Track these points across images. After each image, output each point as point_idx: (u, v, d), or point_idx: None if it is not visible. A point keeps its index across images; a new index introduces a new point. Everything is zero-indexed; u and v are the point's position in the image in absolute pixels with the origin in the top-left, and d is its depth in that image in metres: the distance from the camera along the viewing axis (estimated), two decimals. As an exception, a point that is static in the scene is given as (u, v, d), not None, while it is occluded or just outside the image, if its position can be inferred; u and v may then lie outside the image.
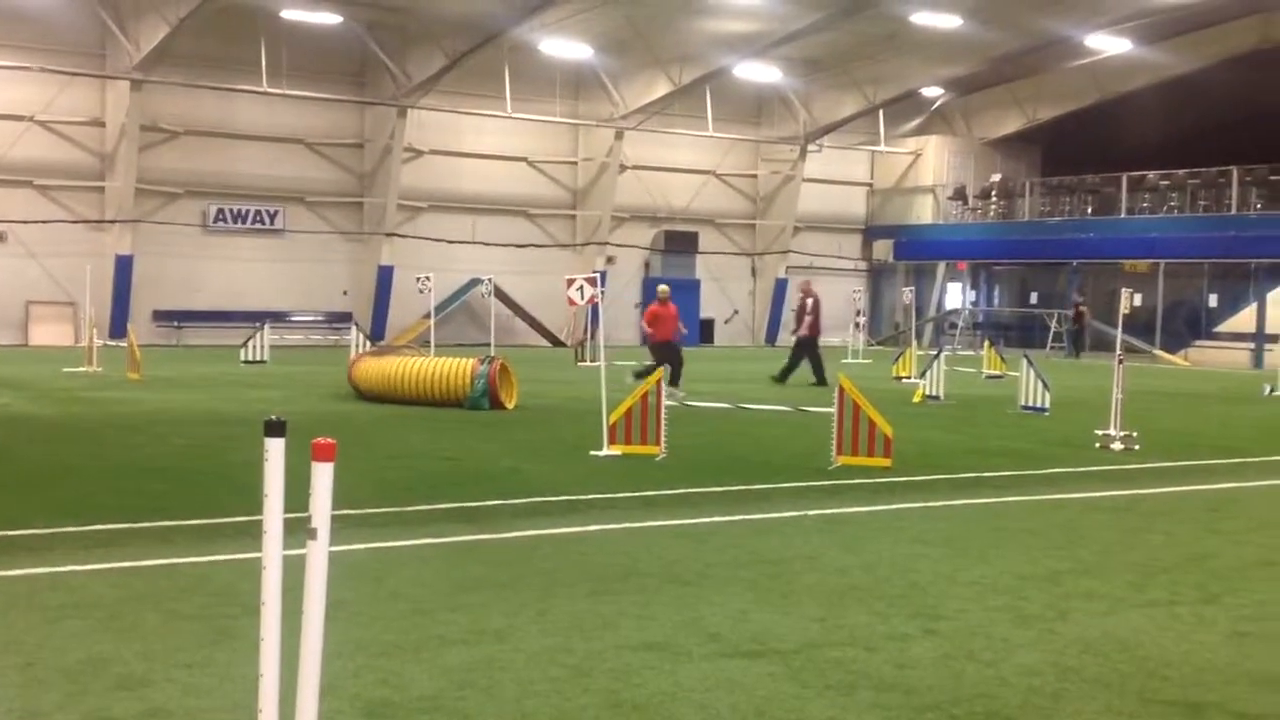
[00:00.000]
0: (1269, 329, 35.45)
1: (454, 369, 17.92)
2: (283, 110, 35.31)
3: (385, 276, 36.66)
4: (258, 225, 35.92)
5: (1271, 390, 24.21)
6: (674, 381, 20.32)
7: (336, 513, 8.52)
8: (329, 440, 3.81)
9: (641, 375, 19.67)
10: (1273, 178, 36.37)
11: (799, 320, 24.57)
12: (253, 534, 3.97)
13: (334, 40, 34.34)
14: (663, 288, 21.86)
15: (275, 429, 3.76)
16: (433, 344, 24.36)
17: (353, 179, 37.34)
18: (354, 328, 30.39)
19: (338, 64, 35.70)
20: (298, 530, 3.83)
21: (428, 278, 24.79)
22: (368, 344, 28.18)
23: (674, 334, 21.05)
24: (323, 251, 36.79)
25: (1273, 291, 35.74)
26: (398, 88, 35.14)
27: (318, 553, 3.79)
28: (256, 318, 31.23)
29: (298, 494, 3.84)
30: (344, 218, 37.28)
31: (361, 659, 5.73)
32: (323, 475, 3.78)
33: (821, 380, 22.94)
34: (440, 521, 9.29)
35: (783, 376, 23.81)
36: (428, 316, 27.71)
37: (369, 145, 37.11)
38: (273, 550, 3.80)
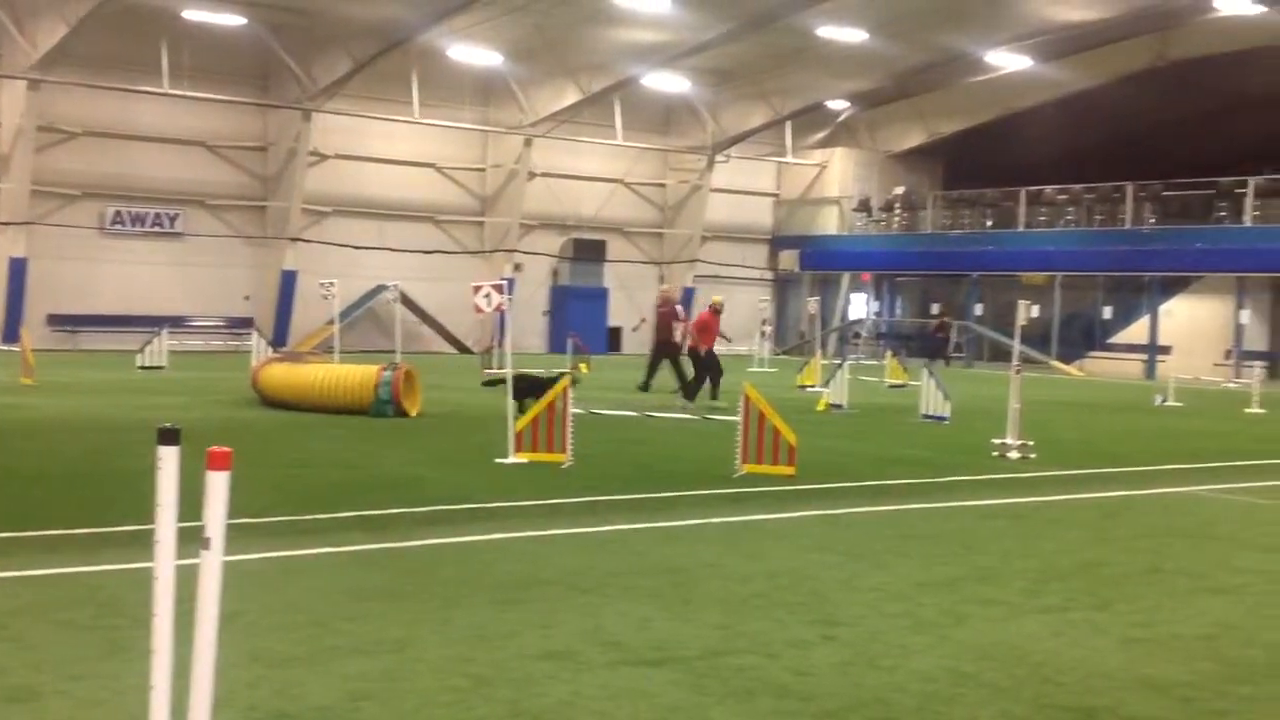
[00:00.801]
0: (1161, 341, 36.43)
1: (358, 376, 17.73)
2: (184, 112, 34.70)
3: (288, 282, 36.17)
4: (157, 228, 35.26)
5: (1163, 400, 24.86)
6: (714, 395, 21.06)
7: (234, 521, 8.37)
8: (224, 449, 3.75)
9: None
10: (1166, 193, 37.38)
11: (664, 330, 22.85)
12: (146, 543, 3.89)
13: (237, 42, 33.84)
14: (717, 298, 22.70)
15: (169, 436, 3.69)
16: (337, 350, 24.10)
17: (255, 182, 36.81)
18: (255, 333, 29.95)
19: (241, 66, 35.18)
20: (193, 540, 3.76)
21: (332, 283, 24.51)
22: (269, 350, 27.77)
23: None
24: (224, 256, 36.20)
25: (1165, 304, 36.72)
26: (302, 91, 34.72)
27: (211, 562, 3.72)
28: (155, 322, 30.62)
29: (195, 502, 3.78)
30: (246, 221, 36.72)
31: (257, 670, 5.63)
32: (217, 484, 3.72)
33: (689, 391, 21.48)
34: (341, 530, 9.18)
35: (698, 388, 23.16)
36: (332, 323, 27.40)
37: (272, 149, 36.61)
38: (165, 560, 3.73)
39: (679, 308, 24.01)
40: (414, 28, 32.47)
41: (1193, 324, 36.16)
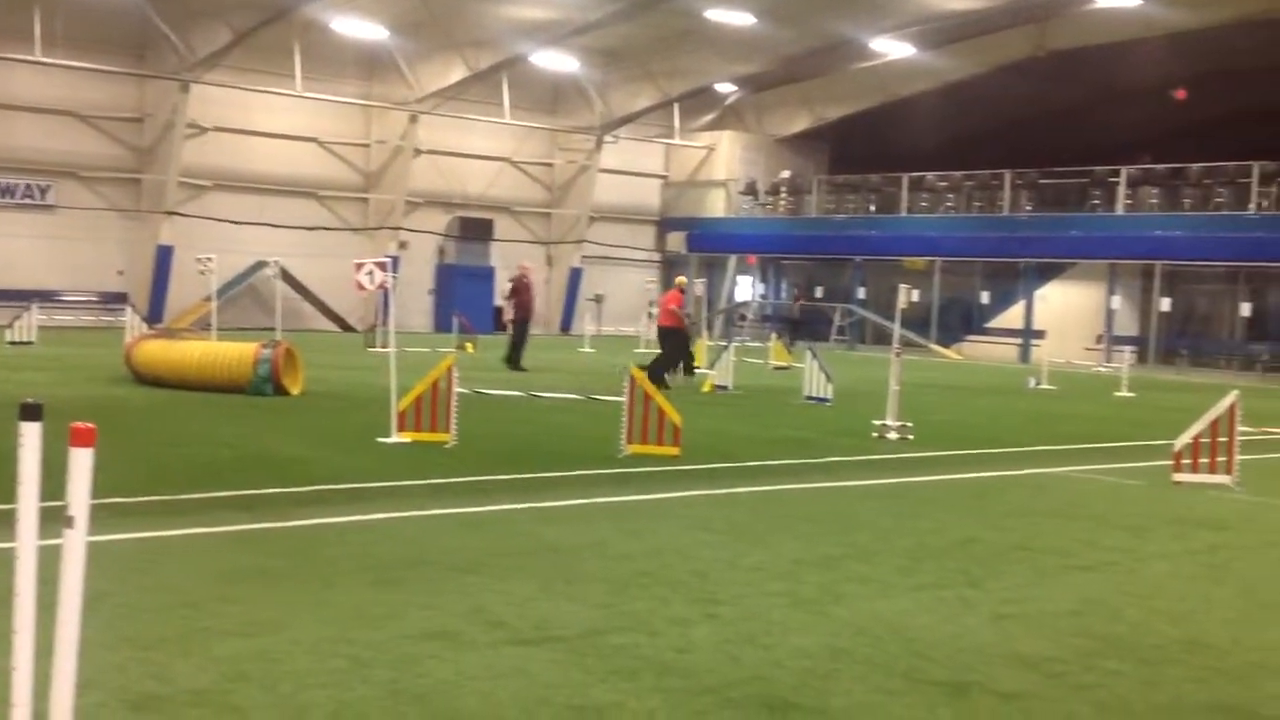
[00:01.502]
0: (1035, 325, 37.34)
1: (236, 353, 17.39)
2: (57, 81, 33.58)
3: (164, 257, 35.28)
4: (28, 200, 34.13)
5: (1036, 384, 25.50)
6: (689, 371, 22.37)
7: (105, 501, 8.17)
8: (88, 425, 3.64)
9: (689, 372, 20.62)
10: (1043, 181, 38.26)
11: (524, 308, 25.15)
12: (8, 523, 3.77)
13: (113, 10, 32.84)
14: (681, 278, 24.01)
15: (30, 413, 3.58)
16: (214, 327, 23.61)
17: (131, 154, 35.81)
18: (129, 309, 29.20)
19: (117, 35, 34.15)
20: (58, 519, 3.65)
21: (210, 259, 23.98)
22: (144, 326, 27.10)
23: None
24: (97, 229, 35.17)
25: (1040, 290, 37.63)
26: (180, 61, 33.84)
27: (75, 541, 3.62)
28: (24, 297, 29.62)
29: (64, 481, 3.67)
30: (121, 194, 35.71)
31: (128, 652, 5.50)
32: (81, 461, 3.61)
33: (516, 365, 24.14)
34: (217, 510, 9.00)
35: (515, 363, 24.38)
36: (209, 299, 26.82)
37: (149, 120, 35.63)
38: (26, 540, 3.62)
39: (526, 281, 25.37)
40: (296, -1, 31.85)
41: (1066, 309, 37.13)
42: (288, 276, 33.82)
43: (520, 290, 25.25)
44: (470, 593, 6.83)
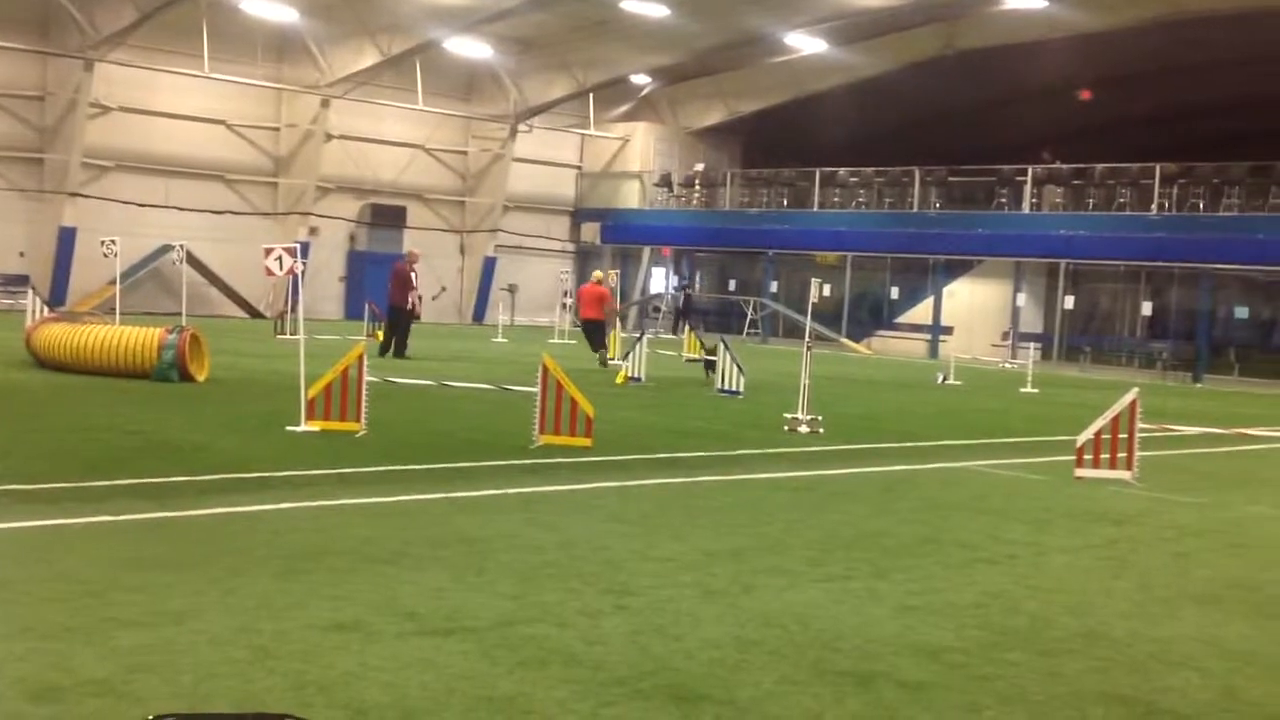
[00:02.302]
0: (944, 321, 37.90)
1: (140, 338, 17.06)
2: (-46, 55, 32.68)
3: (67, 238, 34.47)
4: (-77, 178, 33.15)
5: (944, 379, 25.89)
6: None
7: (6, 488, 8.01)
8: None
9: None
10: (951, 179, 38.81)
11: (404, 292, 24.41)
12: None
13: (15, -16, 32.01)
14: (598, 273, 25.51)
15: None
16: (118, 311, 23.12)
17: (32, 133, 34.91)
18: (31, 291, 28.45)
19: (18, 11, 33.25)
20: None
21: (114, 241, 23.47)
22: (45, 309, 26.45)
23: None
24: (-3, 209, 34.30)
25: (948, 285, 38.19)
26: (84, 39, 33.06)
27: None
28: (-81, 278, 28.82)
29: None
30: (22, 174, 34.81)
31: (28, 642, 5.39)
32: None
33: (399, 352, 23.81)
34: (120, 498, 8.83)
35: (396, 351, 24.03)
36: (113, 283, 26.26)
37: (50, 99, 34.76)
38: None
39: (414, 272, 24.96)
40: (206, -22, 31.26)
41: (973, 306, 37.73)
42: (194, 261, 33.22)
43: (394, 276, 24.69)
44: (380, 583, 6.78)
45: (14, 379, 16.44)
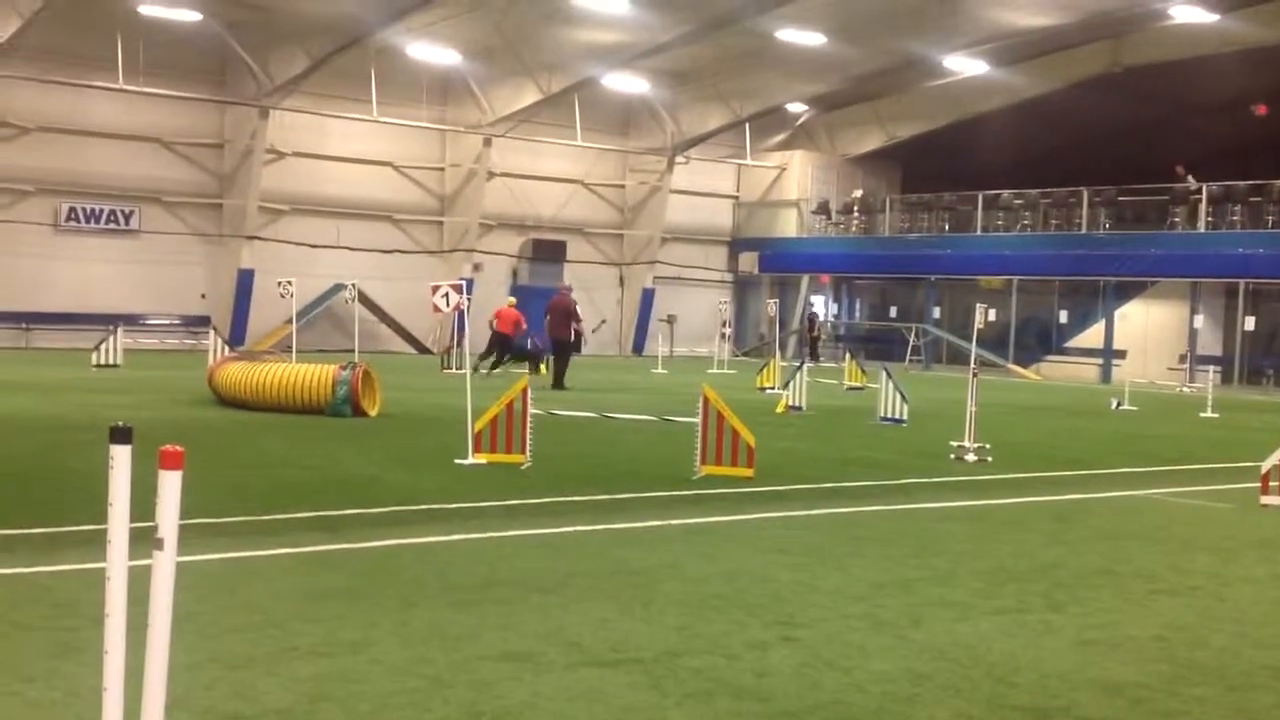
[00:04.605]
0: (1116, 345, 36.78)
1: (316, 375, 17.62)
2: (140, 108, 34.36)
3: (245, 280, 35.88)
4: (112, 225, 34.89)
5: (1118, 404, 25.10)
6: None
7: (190, 522, 8.31)
8: (177, 448, 3.71)
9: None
10: (1121, 199, 37.73)
11: (564, 324, 25.21)
12: (99, 544, 3.84)
13: (193, 37, 33.53)
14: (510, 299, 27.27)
15: (121, 435, 3.65)
16: (294, 350, 23.95)
17: (212, 180, 36.50)
18: (212, 332, 29.71)
19: (197, 62, 34.86)
20: (147, 540, 3.72)
21: (289, 282, 24.36)
22: (226, 349, 27.55)
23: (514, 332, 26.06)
24: (180, 253, 35.86)
25: (1120, 308, 37.08)
26: (259, 88, 34.46)
27: (164, 563, 3.69)
28: (110, 320, 30.29)
29: (152, 503, 3.74)
30: (202, 219, 36.41)
31: (214, 671, 5.59)
32: (170, 484, 3.68)
33: (557, 383, 24.46)
34: (298, 531, 9.11)
35: (555, 383, 24.65)
36: (289, 322, 27.21)
37: (229, 146, 36.31)
38: (117, 560, 3.69)
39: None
40: (371, 25, 32.29)
41: (1147, 328, 36.55)
42: (365, 299, 34.24)
43: (549, 311, 25.42)
44: (547, 614, 6.85)
45: (198, 416, 17.13)
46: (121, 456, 3.67)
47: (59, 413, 17.04)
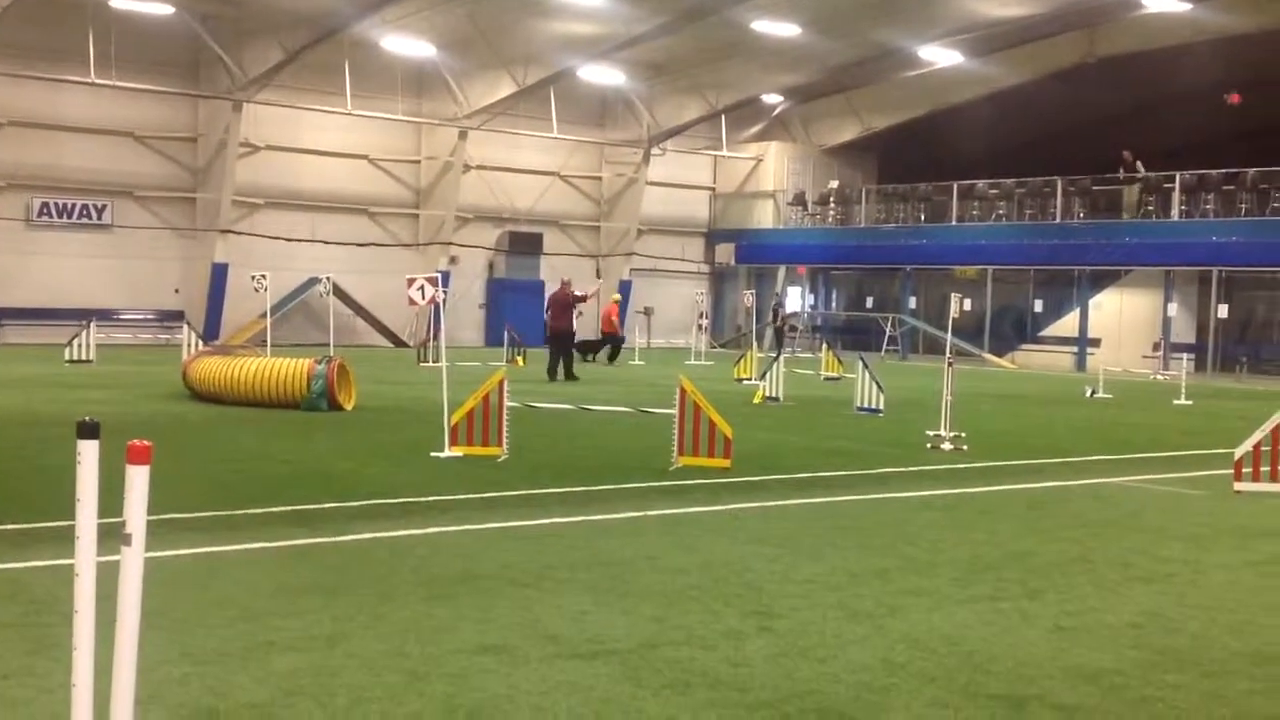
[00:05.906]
0: (1091, 334, 36.94)
1: (291, 369, 17.55)
2: (112, 102, 34.09)
3: (219, 274, 35.68)
4: (85, 220, 34.63)
5: (1093, 393, 25.21)
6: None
7: (162, 517, 8.25)
8: (144, 443, 3.68)
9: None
10: (1095, 188, 37.86)
11: (564, 316, 25.76)
12: (73, 539, 3.81)
13: (166, 31, 33.28)
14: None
15: (88, 430, 3.62)
16: (269, 344, 23.84)
17: (185, 174, 36.27)
18: (186, 326, 29.56)
19: (170, 56, 34.61)
20: (118, 535, 3.69)
21: (264, 276, 24.24)
22: (200, 343, 27.42)
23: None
24: (153, 248, 35.62)
25: (1094, 297, 37.23)
26: (233, 81, 34.25)
27: (132, 558, 3.66)
28: (83, 315, 30.08)
29: (121, 498, 3.71)
30: (176, 213, 36.18)
31: (187, 667, 5.55)
32: (138, 479, 3.65)
33: (569, 374, 25.12)
34: (273, 525, 9.07)
35: (566, 374, 25.15)
36: (264, 316, 27.10)
37: (202, 139, 36.09)
38: (86, 556, 3.66)
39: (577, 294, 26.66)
40: (346, 18, 32.12)
41: (1121, 317, 36.71)
42: (340, 292, 34.12)
43: (550, 305, 25.95)
44: (523, 606, 6.84)
45: (172, 411, 17.04)
46: (89, 452, 3.64)
47: (31, 408, 16.93)
